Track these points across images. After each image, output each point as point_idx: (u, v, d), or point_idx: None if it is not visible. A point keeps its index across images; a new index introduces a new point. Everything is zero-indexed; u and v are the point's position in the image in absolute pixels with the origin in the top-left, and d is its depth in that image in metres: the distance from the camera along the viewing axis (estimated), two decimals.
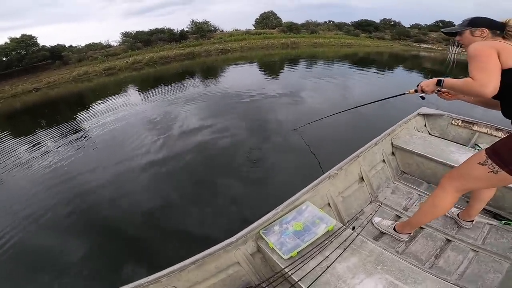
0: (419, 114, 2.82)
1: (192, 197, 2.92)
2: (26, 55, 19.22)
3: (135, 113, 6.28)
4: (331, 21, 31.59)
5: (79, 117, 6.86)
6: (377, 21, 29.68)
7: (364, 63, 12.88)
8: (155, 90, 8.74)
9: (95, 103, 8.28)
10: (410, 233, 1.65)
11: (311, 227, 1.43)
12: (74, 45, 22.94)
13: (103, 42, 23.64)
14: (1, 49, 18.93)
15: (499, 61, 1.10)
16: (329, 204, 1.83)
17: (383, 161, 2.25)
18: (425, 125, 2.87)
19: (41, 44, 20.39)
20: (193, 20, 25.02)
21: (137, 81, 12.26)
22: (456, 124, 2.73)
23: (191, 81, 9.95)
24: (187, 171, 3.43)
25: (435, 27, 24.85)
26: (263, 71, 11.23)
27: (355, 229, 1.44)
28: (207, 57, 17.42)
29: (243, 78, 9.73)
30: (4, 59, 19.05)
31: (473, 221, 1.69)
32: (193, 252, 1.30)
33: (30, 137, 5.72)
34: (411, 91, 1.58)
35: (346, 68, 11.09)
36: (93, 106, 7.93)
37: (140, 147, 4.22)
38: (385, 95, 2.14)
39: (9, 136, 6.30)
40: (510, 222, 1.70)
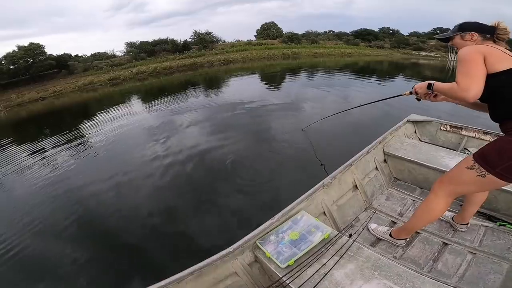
0: (408, 121, 2.86)
1: (193, 205, 2.94)
2: (33, 64, 19.35)
3: (138, 123, 6.40)
4: (331, 30, 32.25)
5: (83, 127, 6.99)
6: (376, 30, 30.25)
7: (364, 72, 13.01)
8: (159, 100, 8.89)
9: (100, 113, 8.43)
10: (406, 238, 1.66)
11: (307, 236, 1.45)
12: (80, 54, 23.41)
13: (108, 51, 24.20)
14: (9, 57, 18.99)
15: (486, 65, 1.11)
16: (324, 212, 1.85)
17: (376, 168, 2.29)
18: (415, 132, 2.92)
19: (48, 52, 20.60)
20: (196, 31, 25.67)
21: (141, 92, 12.46)
22: (445, 129, 2.78)
23: (194, 92, 10.08)
24: (188, 179, 3.47)
25: (433, 35, 25.22)
26: (265, 82, 11.34)
27: (351, 236, 1.46)
28: (209, 68, 17.67)
29: (245, 89, 9.84)
30: (11, 67, 19.16)
31: (468, 224, 1.72)
32: (192, 261, 1.31)
33: (33, 145, 5.85)
34: (407, 92, 1.67)
35: (346, 77, 11.19)
36: (97, 116, 8.07)
37: (142, 156, 4.30)
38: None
39: (14, 144, 6.44)
40: (505, 223, 1.72)
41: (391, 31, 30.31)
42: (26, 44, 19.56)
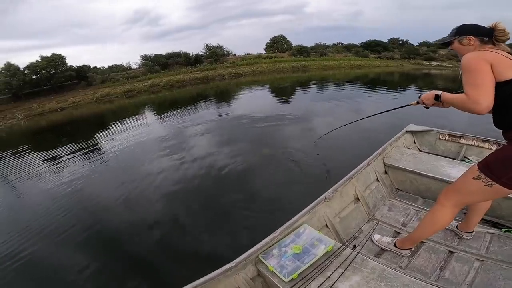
0: (407, 131, 2.84)
1: (201, 216, 2.98)
2: (55, 74, 19.92)
3: (151, 134, 6.60)
4: (339, 43, 32.17)
5: (99, 136, 7.29)
6: (385, 40, 29.92)
7: (375, 84, 12.91)
8: (172, 112, 9.15)
9: (115, 124, 8.77)
10: (411, 248, 1.64)
11: (310, 249, 1.43)
12: (98, 66, 24.36)
13: (124, 64, 25.19)
14: (33, 67, 19.49)
15: (493, 74, 1.06)
16: (326, 225, 1.85)
17: (377, 180, 2.28)
18: (414, 142, 2.90)
19: (69, 64, 21.21)
20: (207, 44, 26.38)
21: (155, 104, 12.83)
22: (443, 138, 2.77)
23: (205, 105, 10.30)
24: (195, 190, 3.53)
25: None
26: (275, 95, 11.44)
27: (355, 247, 1.43)
28: (220, 81, 17.99)
29: (255, 102, 9.94)
30: (34, 77, 19.63)
31: (473, 231, 1.69)
32: (200, 273, 1.31)
33: (50, 153, 6.16)
34: (414, 102, 1.63)
35: (357, 90, 11.10)
36: (112, 126, 8.39)
37: (152, 167, 4.42)
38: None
39: (32, 151, 6.79)
40: (510, 229, 1.69)
41: (400, 42, 30.03)
42: (49, 54, 20.23)
